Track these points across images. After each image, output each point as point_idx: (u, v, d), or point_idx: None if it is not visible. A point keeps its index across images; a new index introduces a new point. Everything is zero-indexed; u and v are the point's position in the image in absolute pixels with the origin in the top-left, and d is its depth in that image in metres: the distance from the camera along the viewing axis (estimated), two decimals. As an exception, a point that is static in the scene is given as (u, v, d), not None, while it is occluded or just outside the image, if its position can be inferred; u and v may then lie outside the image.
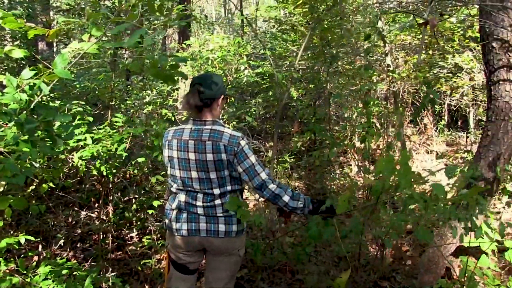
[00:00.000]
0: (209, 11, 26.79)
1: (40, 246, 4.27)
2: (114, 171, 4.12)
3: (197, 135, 2.57)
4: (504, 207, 5.04)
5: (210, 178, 2.58)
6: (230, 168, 2.59)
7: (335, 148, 4.32)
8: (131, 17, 2.20)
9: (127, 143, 4.27)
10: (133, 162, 4.65)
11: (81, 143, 3.91)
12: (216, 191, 2.61)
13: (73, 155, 4.04)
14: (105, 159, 3.97)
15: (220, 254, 2.73)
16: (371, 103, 3.76)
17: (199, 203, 2.63)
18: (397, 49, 8.54)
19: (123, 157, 4.15)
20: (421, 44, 6.78)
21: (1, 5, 8.08)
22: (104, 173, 4.02)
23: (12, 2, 8.95)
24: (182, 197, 2.67)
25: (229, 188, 2.64)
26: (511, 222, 4.76)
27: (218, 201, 2.63)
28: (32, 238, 3.29)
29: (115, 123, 4.41)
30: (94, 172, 4.05)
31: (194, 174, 2.59)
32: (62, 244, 4.38)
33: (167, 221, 2.76)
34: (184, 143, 2.58)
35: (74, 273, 3.18)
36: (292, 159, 7.05)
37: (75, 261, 4.21)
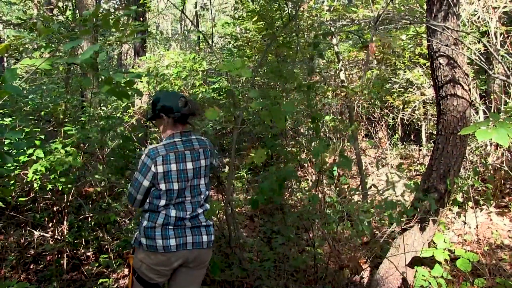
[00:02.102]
0: (165, 27, 26.69)
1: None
2: (70, 185, 4.01)
3: (189, 145, 2.73)
4: (455, 217, 5.21)
5: (200, 184, 2.77)
6: (210, 172, 2.87)
7: (291, 163, 4.37)
8: (84, 33, 2.18)
9: (80, 155, 4.18)
10: (88, 179, 4.55)
11: (33, 157, 3.78)
12: (201, 198, 2.78)
13: (26, 170, 3.91)
14: (60, 172, 3.84)
15: (196, 267, 2.80)
16: (319, 118, 3.82)
17: (187, 215, 2.69)
18: (351, 65, 8.75)
19: (77, 170, 4.06)
20: (364, 65, 6.97)
21: None
22: (60, 188, 3.91)
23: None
24: (171, 212, 2.67)
25: (207, 193, 2.84)
26: (461, 231, 4.93)
27: (200, 210, 2.76)
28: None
29: (67, 132, 4.29)
30: (50, 186, 3.92)
31: (188, 183, 2.70)
32: (14, 266, 4.22)
33: (144, 239, 2.67)
34: (182, 154, 2.68)
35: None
36: (249, 175, 7.07)
37: (29, 284, 4.07)
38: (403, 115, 8.51)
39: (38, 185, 3.92)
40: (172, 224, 2.66)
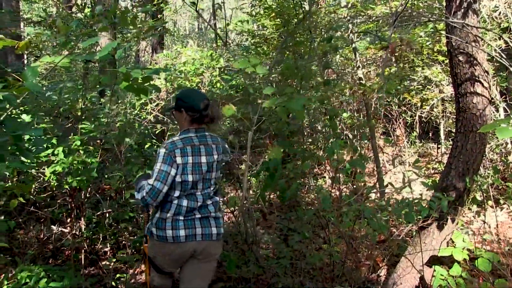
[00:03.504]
0: (182, 24, 26.79)
1: (9, 264, 4.16)
2: (88, 183, 4.06)
3: (204, 140, 2.86)
4: (474, 216, 5.14)
5: (211, 178, 2.89)
6: (220, 168, 3.00)
7: (308, 161, 4.35)
8: (102, 29, 2.19)
9: (98, 154, 4.22)
10: (106, 176, 4.59)
11: (53, 158, 3.83)
12: (211, 190, 2.91)
13: (44, 169, 3.95)
14: (77, 173, 3.88)
15: (204, 259, 2.88)
16: (336, 115, 3.81)
17: (197, 205, 2.81)
18: (368, 62, 8.68)
19: (95, 169, 4.09)
20: (382, 64, 6.91)
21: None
22: (76, 185, 3.94)
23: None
24: (184, 202, 2.78)
25: (216, 186, 2.99)
26: (480, 230, 4.86)
27: (209, 201, 2.88)
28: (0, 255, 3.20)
29: (84, 129, 4.33)
30: (66, 186, 3.97)
31: (201, 176, 2.82)
32: (33, 261, 4.27)
33: (155, 230, 2.79)
34: (197, 148, 2.81)
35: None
36: (265, 172, 7.05)
37: (47, 278, 4.12)
38: (421, 113, 8.42)
39: (55, 184, 3.95)
40: (182, 215, 2.77)
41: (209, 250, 2.86)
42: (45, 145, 3.69)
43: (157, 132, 6.12)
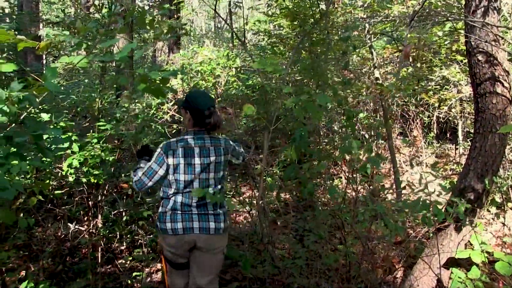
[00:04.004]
0: (198, 24, 26.88)
1: (28, 261, 4.22)
2: (105, 177, 4.11)
3: (200, 142, 3.00)
4: (493, 218, 5.08)
5: (209, 178, 3.01)
6: (224, 169, 3.13)
7: (324, 161, 4.33)
8: (120, 30, 2.21)
9: (115, 153, 4.26)
10: (123, 175, 4.62)
11: (68, 151, 3.88)
12: (211, 190, 2.98)
13: (61, 164, 4.01)
14: (93, 165, 3.94)
15: (207, 251, 3.04)
16: (353, 115, 3.80)
17: (193, 203, 2.97)
18: (385, 62, 8.62)
19: (110, 164, 4.14)
20: (399, 67, 6.85)
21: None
22: (93, 180, 4.00)
23: (1, 14, 8.92)
24: (179, 198, 2.97)
25: (219, 187, 3.09)
26: (500, 233, 4.80)
27: (208, 200, 2.95)
28: (20, 252, 3.24)
29: (100, 128, 4.37)
30: (84, 180, 4.02)
31: (196, 176, 2.97)
32: (51, 258, 4.32)
33: (159, 224, 3.00)
34: (191, 150, 2.97)
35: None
36: (282, 172, 7.04)
37: (65, 275, 4.17)
38: (438, 113, 8.34)
39: (74, 179, 4.01)
40: (179, 210, 2.96)
41: (210, 243, 3.01)
42: (64, 144, 3.74)
43: (173, 131, 6.15)
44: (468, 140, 7.90)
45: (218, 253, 3.11)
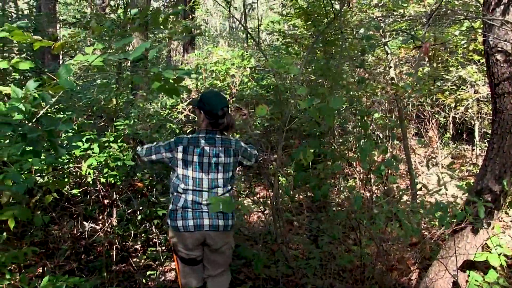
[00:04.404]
0: (213, 24, 26.95)
1: (44, 258, 4.26)
2: (124, 178, 4.14)
3: (211, 142, 3.08)
4: (511, 221, 5.00)
5: (218, 178, 3.09)
6: (234, 170, 3.20)
7: (339, 161, 4.30)
8: (135, 30, 2.21)
9: (131, 150, 4.28)
10: (138, 174, 4.65)
11: (89, 152, 3.91)
12: (220, 191, 3.11)
13: (80, 164, 4.05)
14: (113, 167, 3.98)
15: (216, 250, 3.17)
16: (366, 115, 3.77)
17: (204, 201, 3.06)
18: (401, 62, 8.55)
19: (128, 166, 4.17)
20: (415, 66, 6.78)
21: (9, 19, 8.15)
22: (112, 181, 4.04)
23: (20, 15, 9.04)
24: (189, 196, 3.06)
25: (228, 188, 3.17)
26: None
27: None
28: (30, 250, 3.25)
29: (117, 128, 4.39)
30: (103, 180, 4.06)
31: (205, 175, 3.06)
32: (67, 256, 4.36)
33: (170, 221, 3.09)
34: (201, 149, 3.05)
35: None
36: (295, 172, 7.01)
37: (80, 273, 4.20)
38: (455, 114, 8.25)
39: (92, 178, 4.04)
40: (190, 207, 3.05)
41: (218, 240, 3.13)
42: (79, 142, 3.78)
43: (188, 131, 6.16)
44: (485, 141, 7.81)
45: (226, 249, 3.24)
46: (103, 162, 3.90)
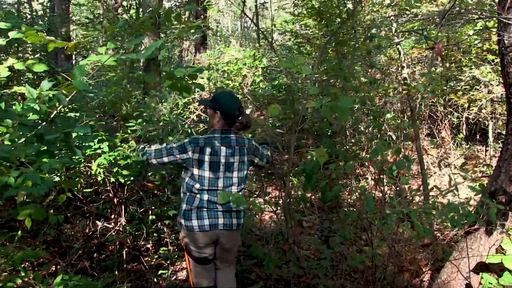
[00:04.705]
0: (225, 24, 26.99)
1: (57, 256, 4.29)
2: (132, 178, 4.14)
3: (226, 142, 3.10)
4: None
5: (232, 177, 3.13)
6: (247, 169, 3.24)
7: (351, 162, 4.29)
8: (147, 29, 2.22)
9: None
10: (149, 174, 4.66)
11: (99, 151, 3.93)
12: (234, 189, 3.15)
13: (90, 163, 4.07)
14: (123, 165, 3.98)
15: (228, 249, 3.26)
16: (379, 115, 3.76)
17: (219, 201, 2.99)
18: (413, 62, 8.49)
19: (140, 165, 4.18)
20: (428, 66, 6.73)
21: (24, 20, 8.24)
22: (122, 181, 4.06)
23: (34, 16, 9.13)
24: (205, 196, 3.07)
25: (242, 186, 3.22)
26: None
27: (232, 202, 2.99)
28: (43, 253, 3.29)
29: (129, 129, 4.41)
30: (112, 180, 4.07)
31: (221, 174, 3.08)
32: (79, 254, 4.39)
33: (184, 221, 3.11)
34: (218, 149, 3.06)
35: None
36: (304, 176, 6.99)
37: (92, 272, 4.23)
38: (468, 114, 8.18)
39: (102, 178, 4.06)
40: (205, 207, 3.07)
41: (230, 238, 3.21)
42: (92, 143, 3.80)
43: (199, 131, 6.18)
44: (499, 141, 7.73)
45: (235, 247, 3.36)
46: (113, 161, 3.90)
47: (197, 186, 3.07)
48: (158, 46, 2.20)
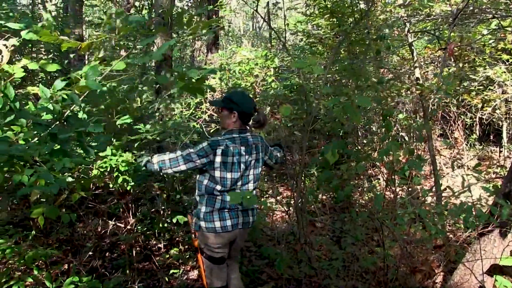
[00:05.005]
0: (237, 24, 27.02)
1: (70, 255, 4.33)
2: (132, 183, 4.01)
3: (245, 141, 3.12)
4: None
5: (249, 175, 3.17)
6: (261, 166, 3.28)
7: (362, 162, 4.27)
8: (159, 30, 2.23)
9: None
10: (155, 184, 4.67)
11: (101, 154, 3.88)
12: (251, 186, 3.19)
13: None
14: (124, 171, 3.86)
15: (241, 242, 3.40)
16: (390, 114, 3.74)
17: None
18: (426, 62, 8.44)
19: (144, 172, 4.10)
20: (440, 66, 6.67)
21: (38, 20, 8.32)
22: (125, 185, 3.95)
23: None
24: (226, 197, 3.07)
25: (257, 184, 3.27)
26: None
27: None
28: (56, 251, 3.29)
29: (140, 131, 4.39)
30: (111, 185, 3.96)
31: (241, 174, 3.11)
32: (91, 253, 4.42)
33: (204, 223, 3.11)
34: (238, 149, 3.06)
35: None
36: (319, 172, 6.99)
37: (104, 270, 4.26)
38: (481, 114, 8.11)
39: (101, 181, 3.96)
40: (227, 208, 3.09)
41: (245, 235, 3.39)
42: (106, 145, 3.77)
43: (211, 131, 6.19)
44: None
45: (243, 242, 3.56)
46: (114, 166, 3.79)
47: (218, 188, 3.07)
48: (172, 44, 2.21)
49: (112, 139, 3.93)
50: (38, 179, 1.96)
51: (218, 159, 3.01)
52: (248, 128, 3.24)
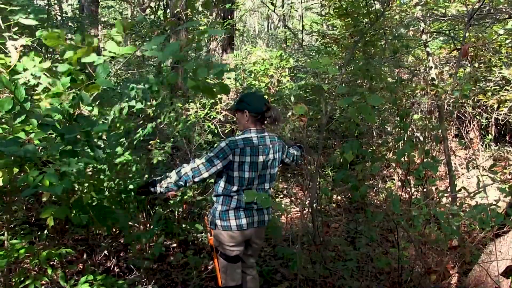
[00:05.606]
0: (252, 25, 27.03)
1: (85, 255, 4.37)
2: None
3: (262, 141, 3.15)
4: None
5: (266, 174, 3.20)
6: (278, 165, 3.32)
7: (378, 162, 4.26)
8: (168, 23, 2.22)
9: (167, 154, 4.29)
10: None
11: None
12: (267, 186, 3.25)
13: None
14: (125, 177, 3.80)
15: (259, 240, 3.40)
16: (405, 115, 3.73)
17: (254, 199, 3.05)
18: (441, 62, 8.38)
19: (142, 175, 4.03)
20: (456, 67, 6.62)
21: (54, 21, 8.42)
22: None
23: (64, 17, 9.31)
24: (242, 196, 3.12)
25: (273, 183, 3.32)
26: None
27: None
28: (71, 251, 3.30)
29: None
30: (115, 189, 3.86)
31: (258, 173, 3.14)
32: (106, 253, 4.46)
33: (219, 221, 3.16)
34: (256, 149, 3.10)
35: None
36: (334, 173, 6.98)
37: (119, 270, 4.29)
38: (497, 115, 8.03)
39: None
40: (243, 207, 3.14)
41: (261, 233, 3.38)
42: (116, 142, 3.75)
43: (226, 131, 6.22)
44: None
45: (262, 241, 3.49)
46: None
47: (235, 188, 3.11)
48: (182, 44, 2.21)
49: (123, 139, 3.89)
50: (43, 180, 1.94)
51: (236, 159, 3.05)
52: (264, 128, 3.26)
